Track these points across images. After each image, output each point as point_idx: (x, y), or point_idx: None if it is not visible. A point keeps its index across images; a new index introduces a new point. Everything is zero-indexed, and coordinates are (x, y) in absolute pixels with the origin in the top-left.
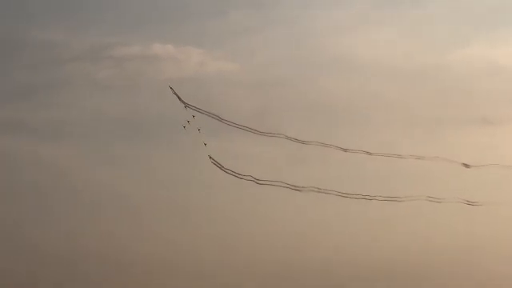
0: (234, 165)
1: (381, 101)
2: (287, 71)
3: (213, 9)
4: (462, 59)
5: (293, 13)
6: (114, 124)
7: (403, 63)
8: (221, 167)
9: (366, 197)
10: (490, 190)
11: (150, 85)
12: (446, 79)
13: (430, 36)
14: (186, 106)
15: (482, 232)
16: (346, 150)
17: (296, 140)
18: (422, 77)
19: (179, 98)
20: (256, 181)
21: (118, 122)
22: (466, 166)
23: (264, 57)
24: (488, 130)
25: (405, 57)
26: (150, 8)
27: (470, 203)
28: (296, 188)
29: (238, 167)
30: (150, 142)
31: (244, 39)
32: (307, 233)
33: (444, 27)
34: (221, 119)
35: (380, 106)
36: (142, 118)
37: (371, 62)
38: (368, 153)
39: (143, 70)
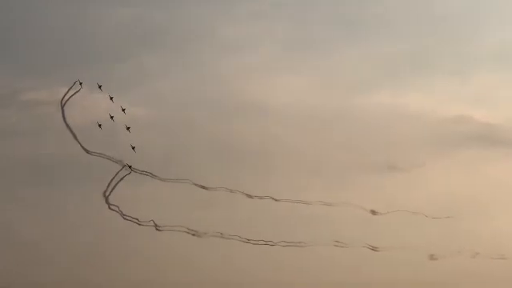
0: (137, 210)
1: (290, 146)
2: (196, 116)
3: (121, 53)
4: (369, 105)
5: (203, 57)
6: (19, 168)
7: (312, 109)
8: (120, 213)
9: (269, 242)
10: (395, 236)
11: (57, 129)
12: (353, 125)
13: (338, 82)
14: (89, 152)
15: (382, 275)
16: (251, 197)
17: (202, 186)
18: (331, 123)
19: (81, 144)
20: (157, 227)
21: (23, 166)
22: (374, 212)
23: (172, 101)
24: (395, 176)
25: (314, 102)
26: (57, 53)
27: (373, 249)
28: (197, 233)
29: (142, 213)
30: (53, 186)
31: (153, 83)
32: (206, 277)
33: (352, 74)
34: (125, 165)
35: (289, 151)
36: (47, 162)
37: (280, 108)
38: (274, 199)
39: (50, 115)
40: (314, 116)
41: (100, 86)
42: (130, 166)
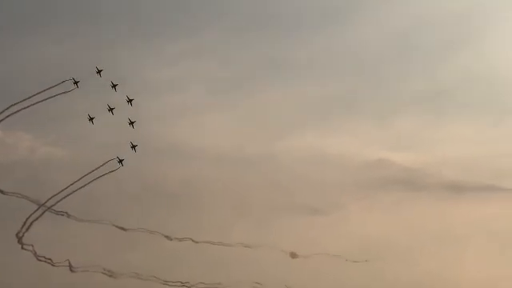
0: (52, 251)
1: (213, 187)
2: (118, 156)
3: (41, 93)
4: (293, 147)
5: (125, 97)
6: None
7: (236, 149)
8: (34, 254)
9: (186, 284)
10: (314, 280)
11: None
12: (277, 166)
13: (263, 123)
14: (4, 192)
15: None
16: (171, 239)
17: (121, 228)
18: (254, 164)
19: None
20: (71, 267)
21: None
22: (293, 255)
23: (93, 142)
24: (317, 219)
25: (237, 144)
26: None
27: None
28: (113, 274)
29: (57, 253)
30: None
31: (74, 124)
32: None
33: (277, 115)
34: (42, 205)
35: (212, 192)
36: None
37: (204, 148)
38: (194, 241)
39: None
40: (238, 157)
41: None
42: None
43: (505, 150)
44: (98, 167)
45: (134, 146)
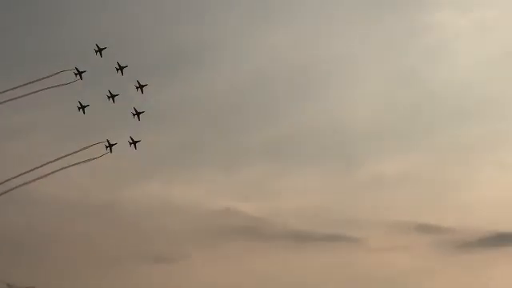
0: None
1: (57, 236)
2: None
3: None
4: (138, 196)
5: None
6: None
7: (81, 198)
8: None
9: None
10: None
11: None
12: (121, 215)
13: (107, 172)
14: None
15: None
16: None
17: None
18: (99, 212)
19: None
20: None
21: None
22: None
23: None
24: (162, 267)
25: (83, 192)
26: None
27: None
28: None
29: None
30: None
31: None
32: None
33: (121, 164)
34: None
35: (56, 241)
36: None
37: (48, 196)
38: None
39: None
40: (84, 205)
41: None
42: None
43: (349, 199)
44: None
45: None
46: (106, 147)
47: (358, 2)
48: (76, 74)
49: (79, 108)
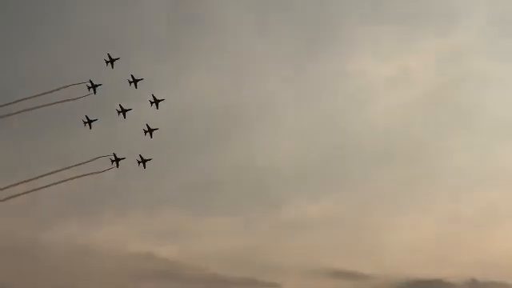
0: None
1: None
2: None
3: None
4: (57, 238)
5: None
6: None
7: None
8: None
9: None
10: None
11: None
12: (42, 258)
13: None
14: None
15: None
16: None
17: None
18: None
19: None
20: None
21: None
22: None
23: None
24: None
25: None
26: None
27: None
28: None
29: None
30: None
31: None
32: None
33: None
34: None
35: None
36: None
37: None
38: None
39: None
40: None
41: None
42: None
43: (269, 243)
44: None
45: None
46: (112, 161)
47: (284, 47)
48: (89, 88)
49: (85, 122)
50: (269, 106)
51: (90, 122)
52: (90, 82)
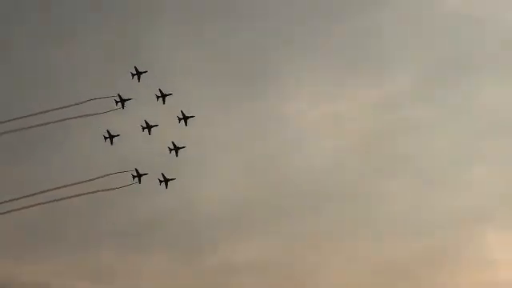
0: None
1: None
2: None
3: None
4: None
5: None
6: None
7: None
8: None
9: None
10: None
11: None
12: None
13: None
14: None
15: None
16: None
17: None
18: None
19: None
20: None
21: None
22: None
23: None
24: None
25: None
26: None
27: None
28: None
29: None
30: None
31: None
32: None
33: None
34: None
35: None
36: None
37: None
38: None
39: None
40: None
41: None
42: None
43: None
44: None
45: None
46: (134, 177)
47: (218, 89)
48: (117, 102)
49: (106, 138)
50: (200, 149)
51: (111, 137)
52: (119, 95)
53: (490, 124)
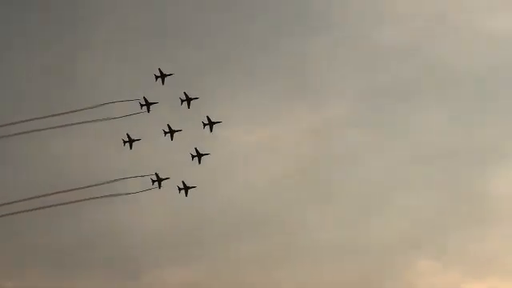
0: None
1: None
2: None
3: None
4: None
5: None
6: None
7: None
8: None
9: None
10: None
11: None
12: None
13: None
14: None
15: None
16: None
17: None
18: None
19: None
20: None
21: None
22: None
23: None
24: None
25: None
26: None
27: None
28: None
29: None
30: None
31: None
32: None
33: None
34: None
35: None
36: None
37: None
38: None
39: None
40: None
41: None
42: None
43: None
44: None
45: None
46: (153, 181)
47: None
48: (142, 106)
49: (125, 142)
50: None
51: (131, 141)
52: (144, 98)
53: (424, 150)
